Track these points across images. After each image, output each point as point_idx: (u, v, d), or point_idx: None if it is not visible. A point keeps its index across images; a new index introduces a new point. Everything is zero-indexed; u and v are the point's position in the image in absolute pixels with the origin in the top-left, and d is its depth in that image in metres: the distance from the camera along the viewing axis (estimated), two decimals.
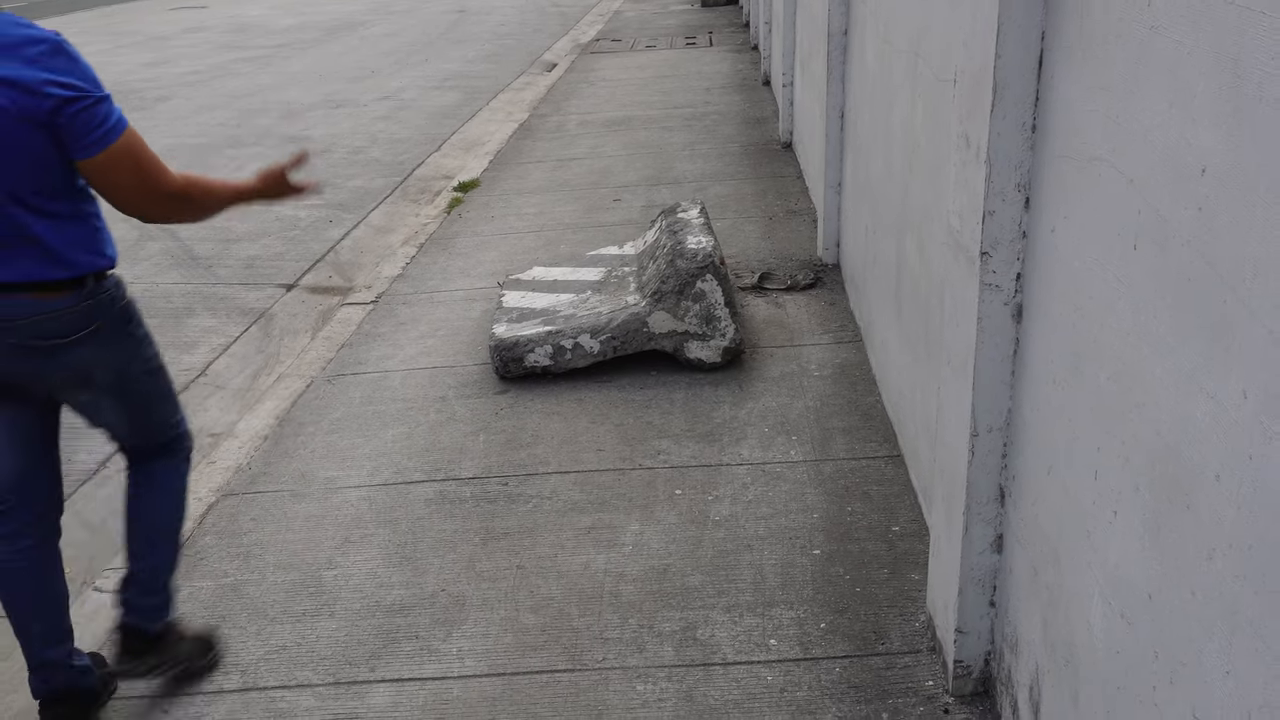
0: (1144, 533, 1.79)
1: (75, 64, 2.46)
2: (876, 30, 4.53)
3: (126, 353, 2.76)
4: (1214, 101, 1.53)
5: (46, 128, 2.41)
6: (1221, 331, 1.51)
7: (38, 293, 2.53)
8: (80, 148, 2.46)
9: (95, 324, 2.63)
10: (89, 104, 2.44)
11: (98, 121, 2.46)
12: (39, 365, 2.61)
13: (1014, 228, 2.40)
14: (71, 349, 2.61)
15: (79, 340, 2.61)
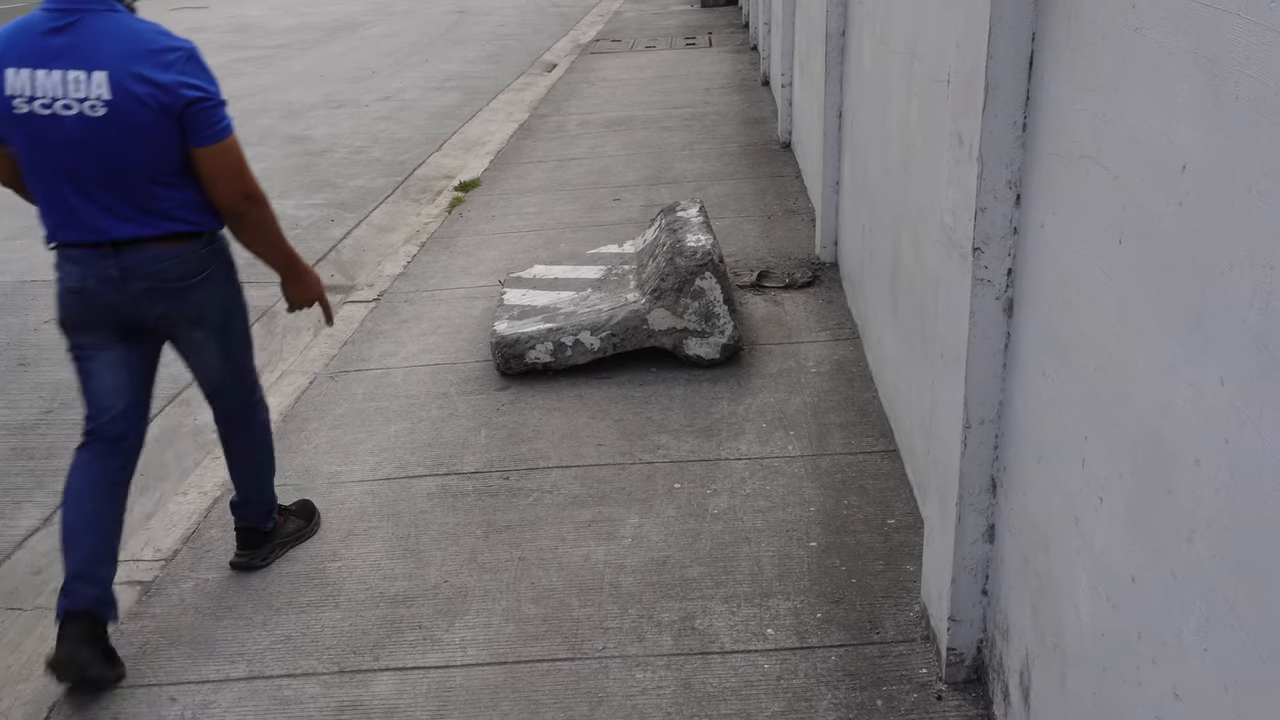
0: (1128, 518, 1.84)
1: (203, 71, 3.01)
2: (873, 31, 4.59)
3: (232, 296, 3.34)
4: (1193, 100, 1.59)
5: (177, 120, 2.96)
6: (1200, 322, 1.57)
7: (166, 243, 3.09)
8: (199, 138, 3.00)
9: (209, 269, 3.20)
10: (210, 105, 3.00)
11: (214, 120, 3.01)
12: (167, 305, 3.15)
13: (1005, 224, 2.46)
14: (192, 290, 3.17)
15: (198, 283, 3.18)
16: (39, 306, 6.39)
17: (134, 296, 3.10)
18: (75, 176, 2.98)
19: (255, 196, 3.17)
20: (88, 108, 2.89)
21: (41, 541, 4.13)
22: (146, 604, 3.49)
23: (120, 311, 3.13)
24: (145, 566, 3.69)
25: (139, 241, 3.06)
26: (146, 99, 2.90)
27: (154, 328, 3.22)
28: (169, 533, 3.88)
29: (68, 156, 2.95)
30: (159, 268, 3.09)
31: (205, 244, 3.17)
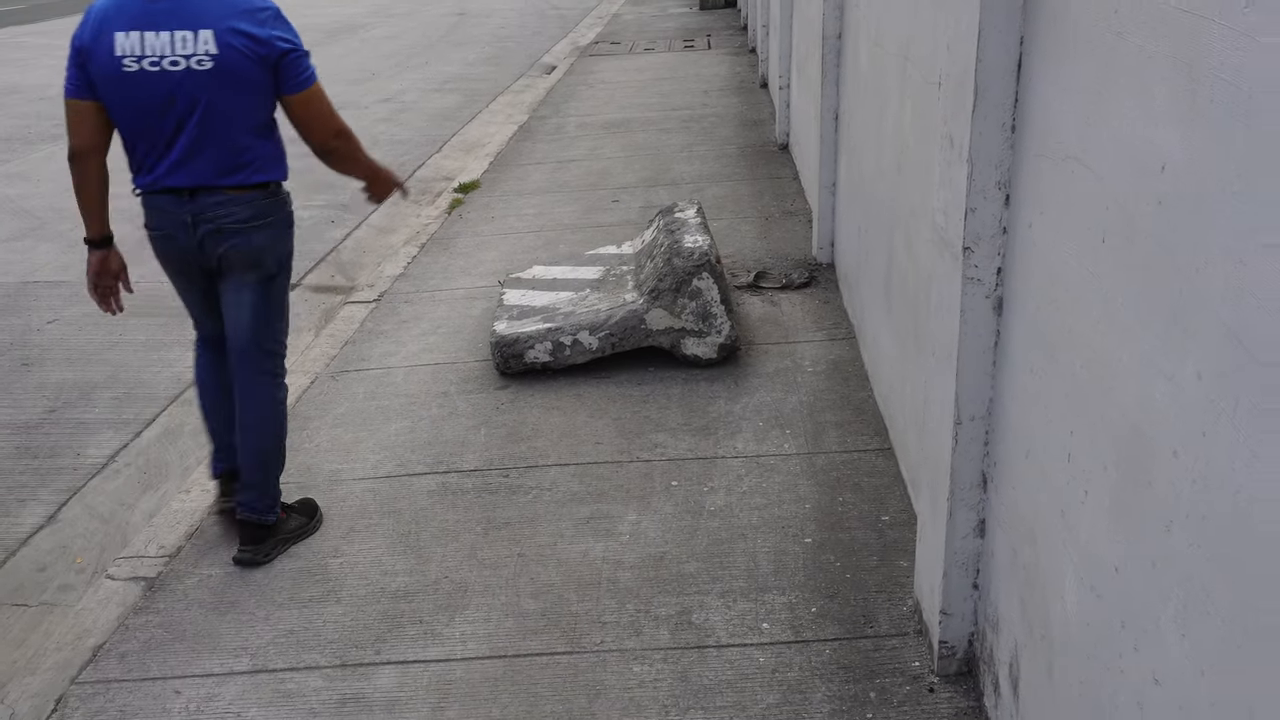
0: (1111, 510, 1.89)
1: (289, 27, 3.41)
2: (869, 34, 4.64)
3: (285, 252, 3.63)
4: (1172, 103, 1.64)
5: (273, 70, 3.33)
6: (1178, 318, 1.62)
7: (237, 190, 3.43)
8: (291, 85, 3.39)
9: (272, 217, 3.52)
10: (299, 55, 3.39)
11: (303, 69, 3.40)
12: (229, 245, 3.46)
13: (995, 224, 2.51)
14: (254, 233, 3.48)
15: (260, 226, 3.49)
16: (41, 307, 6.44)
17: (200, 239, 3.45)
18: (171, 129, 3.32)
19: (343, 133, 3.57)
20: (195, 62, 3.24)
21: (45, 539, 4.18)
22: (151, 599, 3.54)
23: (191, 254, 3.51)
24: (149, 563, 3.74)
25: (213, 189, 3.41)
26: (246, 51, 3.27)
27: (216, 268, 3.54)
28: (173, 529, 3.93)
29: (170, 110, 3.29)
30: (227, 211, 3.43)
31: (271, 193, 3.52)
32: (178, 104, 3.28)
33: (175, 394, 5.27)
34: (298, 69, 3.38)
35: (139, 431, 4.94)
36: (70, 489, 4.50)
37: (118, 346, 5.85)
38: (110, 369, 5.59)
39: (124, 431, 4.94)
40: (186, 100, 3.28)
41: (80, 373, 5.56)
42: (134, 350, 5.80)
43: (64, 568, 4.02)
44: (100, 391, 5.34)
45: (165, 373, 5.52)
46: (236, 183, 3.42)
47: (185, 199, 3.40)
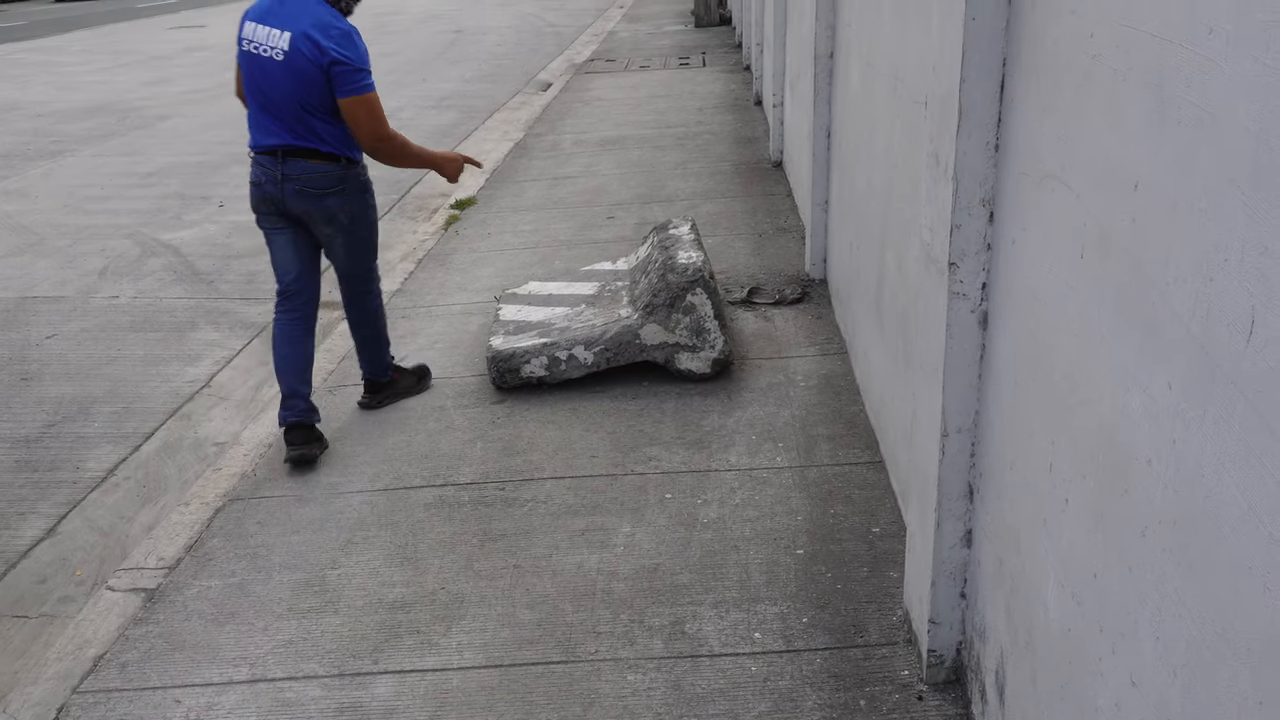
0: (1090, 517, 1.95)
1: (353, 46, 4.18)
2: (860, 54, 4.72)
3: (357, 211, 4.49)
4: (1143, 123, 1.70)
5: (325, 73, 4.15)
6: (1151, 330, 1.68)
7: (314, 159, 4.31)
8: (341, 91, 4.20)
9: (342, 186, 4.39)
10: (350, 69, 4.16)
11: (352, 80, 4.18)
12: (309, 204, 4.36)
13: (979, 240, 2.57)
14: (327, 197, 4.37)
15: (332, 193, 4.37)
16: (40, 322, 6.49)
17: (288, 194, 4.33)
18: (266, 101, 4.24)
19: (385, 139, 4.35)
20: (276, 54, 4.15)
21: (45, 551, 4.22)
22: (151, 610, 3.59)
23: (280, 204, 4.36)
24: (149, 574, 3.79)
25: (297, 154, 4.29)
26: (306, 53, 4.12)
27: (302, 219, 4.42)
28: (172, 542, 3.97)
29: (264, 86, 4.22)
30: (307, 177, 4.31)
31: (343, 167, 4.37)
32: (267, 83, 4.21)
33: (174, 408, 5.32)
34: (346, 79, 4.18)
35: (138, 445, 4.99)
36: (70, 502, 4.55)
37: (116, 361, 5.90)
38: (109, 383, 5.64)
39: (123, 445, 4.99)
40: (270, 82, 4.19)
41: (79, 387, 5.61)
42: (133, 365, 5.85)
43: (64, 580, 4.06)
44: (99, 406, 5.39)
45: (164, 387, 5.57)
46: (312, 152, 4.30)
47: (278, 159, 4.29)
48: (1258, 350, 1.36)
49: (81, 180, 10.16)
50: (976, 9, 2.40)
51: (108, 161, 10.96)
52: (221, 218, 8.69)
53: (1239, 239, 1.41)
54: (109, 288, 7.09)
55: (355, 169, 4.44)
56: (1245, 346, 1.39)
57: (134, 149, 11.55)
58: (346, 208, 4.43)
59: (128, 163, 10.87)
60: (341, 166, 4.36)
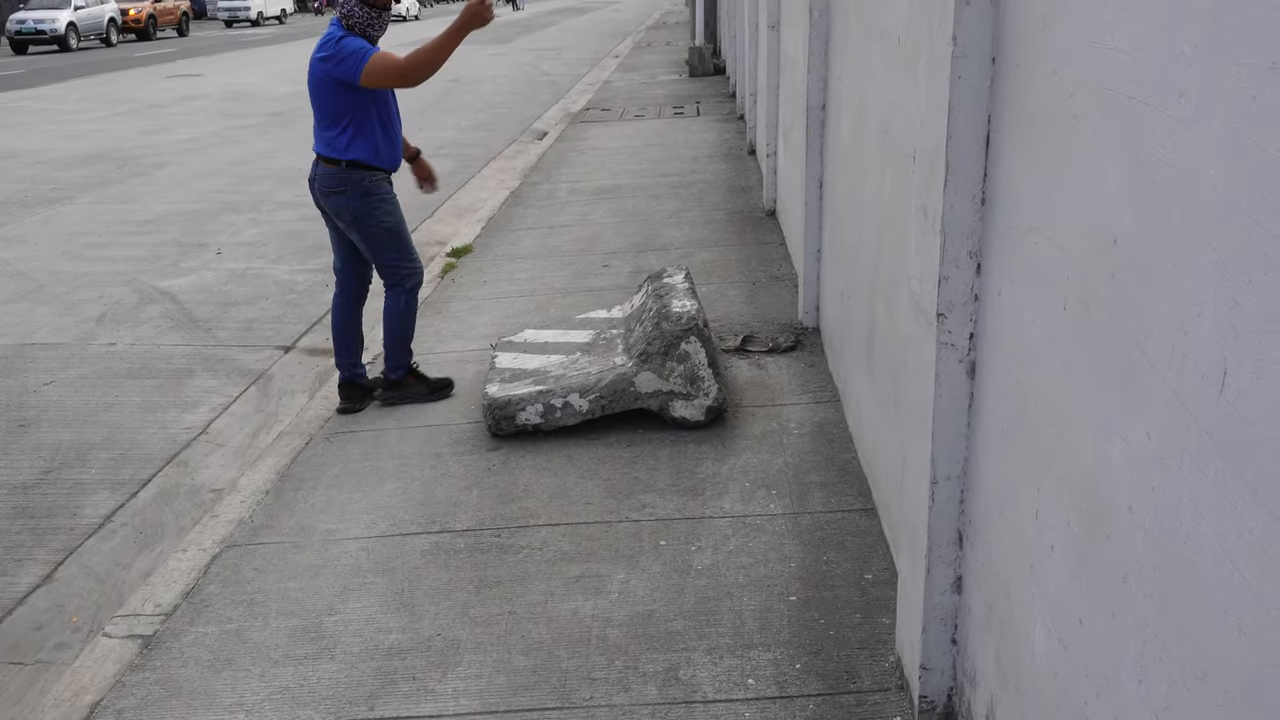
0: (1075, 563, 1.99)
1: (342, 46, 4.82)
2: (851, 107, 4.81)
3: (361, 210, 5.09)
4: (1122, 181, 1.76)
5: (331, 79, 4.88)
6: (1130, 381, 1.73)
7: (326, 163, 5.05)
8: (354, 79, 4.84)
9: (344, 187, 5.04)
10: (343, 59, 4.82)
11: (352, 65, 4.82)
12: (325, 202, 5.12)
13: (967, 291, 2.63)
14: (331, 195, 5.08)
15: (335, 193, 5.06)
16: (38, 369, 6.53)
17: (315, 192, 5.16)
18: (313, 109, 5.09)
19: (409, 73, 4.82)
20: (309, 70, 4.95)
21: (42, 598, 4.24)
22: (148, 657, 3.60)
23: (316, 201, 5.19)
24: (146, 621, 3.80)
25: (320, 159, 5.07)
26: (314, 69, 4.92)
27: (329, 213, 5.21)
28: (169, 588, 3.99)
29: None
30: (320, 178, 5.08)
31: (343, 169, 5.00)
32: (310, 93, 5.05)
33: (171, 455, 5.35)
34: (347, 67, 4.81)
35: (135, 492, 5.01)
36: (67, 549, 4.57)
37: (114, 408, 5.94)
38: (106, 430, 5.67)
39: (120, 492, 5.02)
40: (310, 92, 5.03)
41: (77, 434, 5.64)
42: (130, 411, 5.88)
43: (60, 626, 4.07)
44: (97, 452, 5.42)
45: (161, 434, 5.60)
46: (325, 155, 5.03)
47: (315, 163, 5.13)
48: (1230, 401, 1.41)
49: (80, 227, 10.23)
50: (962, 68, 2.48)
51: (106, 209, 11.05)
52: (219, 265, 8.75)
53: (1211, 294, 1.46)
54: (107, 335, 7.14)
55: (355, 172, 5.01)
56: (1218, 398, 1.44)
57: (132, 196, 11.64)
58: (350, 206, 5.06)
59: (125, 210, 10.95)
60: (341, 169, 5.00)
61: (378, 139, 5.04)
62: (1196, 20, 1.50)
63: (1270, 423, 1.33)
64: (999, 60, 2.44)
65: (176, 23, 44.78)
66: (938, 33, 2.61)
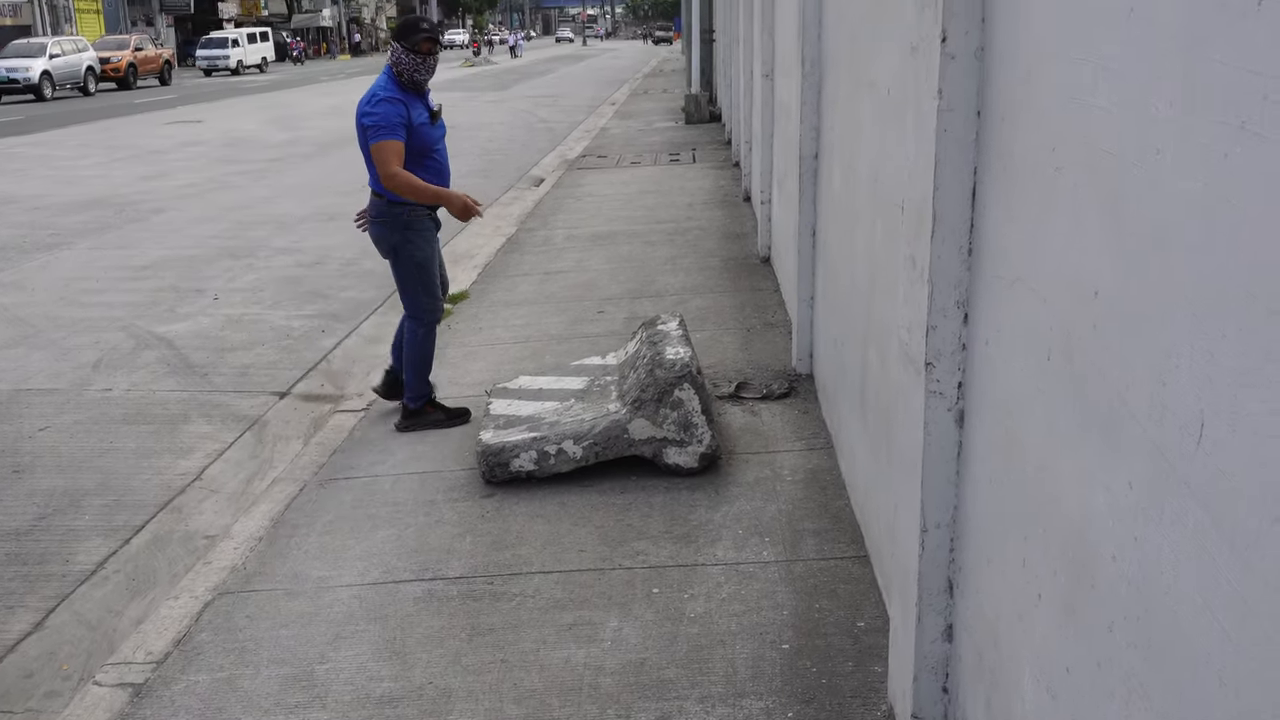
0: (1062, 612, 2.00)
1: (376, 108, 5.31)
2: (842, 157, 4.86)
3: (399, 243, 5.58)
4: (1102, 234, 1.80)
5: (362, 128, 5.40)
6: (1112, 431, 1.75)
7: (373, 196, 5.55)
8: (368, 140, 5.36)
9: (384, 218, 5.53)
10: (369, 126, 5.33)
11: (371, 133, 5.32)
12: (370, 230, 5.66)
13: (954, 340, 2.66)
14: (374, 225, 5.61)
15: (378, 223, 5.58)
16: (33, 414, 6.54)
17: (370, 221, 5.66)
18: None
19: (392, 177, 5.30)
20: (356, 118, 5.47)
21: (33, 646, 4.22)
22: (137, 706, 3.59)
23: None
24: (137, 669, 3.79)
25: (371, 190, 5.57)
26: (358, 115, 5.41)
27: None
28: (160, 636, 3.98)
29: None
30: (370, 207, 5.60)
31: (385, 203, 5.48)
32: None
33: (165, 501, 5.35)
34: (369, 134, 5.33)
35: (128, 539, 5.01)
36: (58, 596, 4.56)
37: (109, 454, 5.94)
38: (101, 476, 5.67)
39: (113, 539, 5.01)
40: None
41: (71, 480, 5.64)
42: (124, 457, 5.89)
43: (51, 674, 4.06)
44: (90, 498, 5.42)
45: (155, 480, 5.60)
46: (375, 190, 5.50)
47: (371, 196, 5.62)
48: (1207, 452, 1.43)
49: (77, 273, 10.27)
50: (948, 121, 2.52)
51: (103, 254, 11.09)
52: (215, 310, 8.79)
53: (1188, 346, 1.49)
54: (102, 380, 7.15)
55: (396, 207, 5.47)
56: (1196, 448, 1.46)
57: (129, 242, 11.70)
58: (387, 237, 5.55)
59: (123, 255, 11.00)
60: (385, 203, 5.48)
61: (425, 179, 5.46)
62: (1170, 79, 1.54)
63: (1246, 475, 1.35)
64: (984, 114, 2.48)
65: (158, 71, 43.88)
66: (924, 86, 2.65)
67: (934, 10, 2.56)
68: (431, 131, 5.55)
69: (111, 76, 40.62)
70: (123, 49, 41.96)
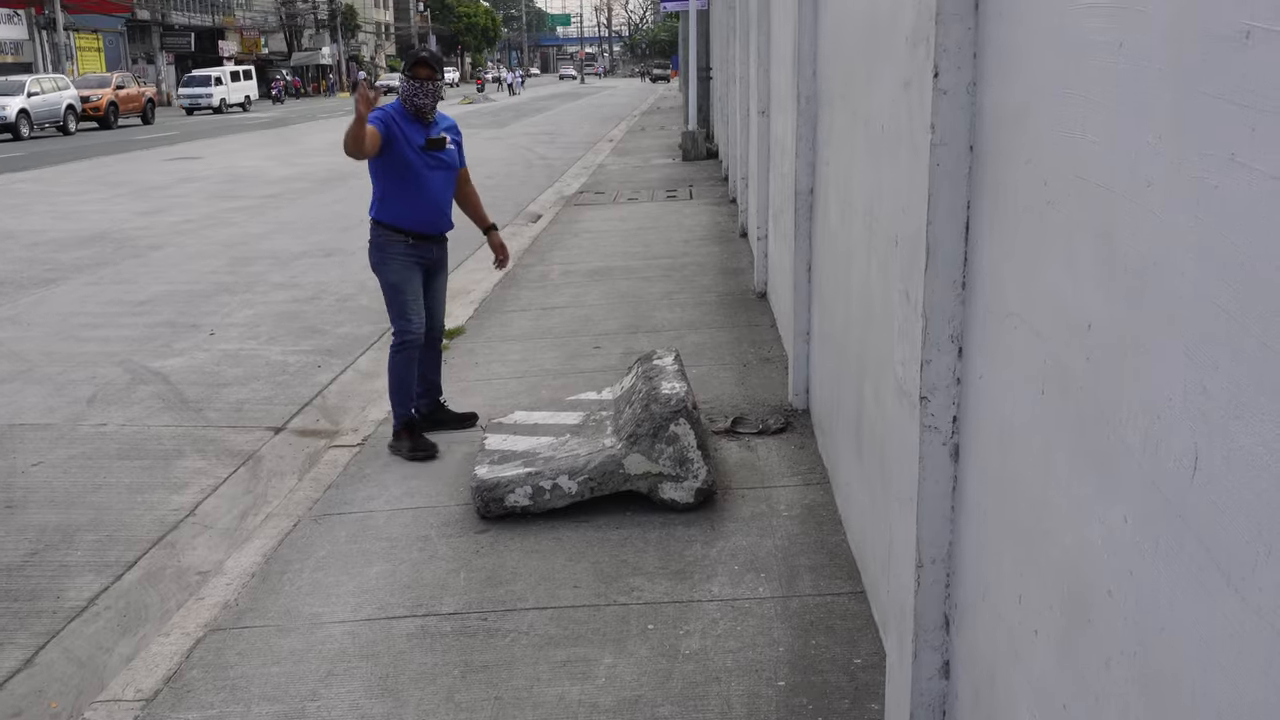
0: (1059, 648, 1.98)
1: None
2: (838, 192, 4.87)
3: (374, 262, 5.85)
4: (1095, 266, 1.79)
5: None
6: (1107, 465, 1.74)
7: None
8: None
9: (371, 238, 5.83)
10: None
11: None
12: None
13: (949, 375, 2.65)
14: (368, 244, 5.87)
15: (368, 242, 5.87)
16: (27, 450, 6.51)
17: None
18: None
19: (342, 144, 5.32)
20: None
21: (21, 683, 4.18)
22: None
23: None
24: (126, 707, 3.75)
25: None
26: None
27: None
28: (150, 673, 3.95)
29: None
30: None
31: (371, 224, 5.80)
32: None
33: (158, 536, 5.32)
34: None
35: (120, 574, 4.97)
36: (49, 632, 4.52)
37: (102, 489, 5.91)
38: (94, 512, 5.64)
39: (105, 574, 4.98)
40: None
41: (64, 515, 5.61)
42: (118, 493, 5.86)
43: (39, 713, 4.01)
44: (83, 534, 5.39)
45: (148, 515, 5.57)
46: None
47: None
48: (1201, 486, 1.42)
49: (74, 308, 10.27)
50: (940, 156, 2.52)
51: (100, 290, 11.10)
52: (211, 346, 8.78)
53: (1182, 380, 1.48)
54: (97, 415, 7.13)
55: (376, 229, 5.76)
56: (1190, 482, 1.45)
57: (127, 277, 11.70)
58: (371, 255, 5.83)
59: (120, 291, 11.00)
60: (371, 223, 5.78)
61: (404, 203, 5.67)
62: (1160, 112, 1.54)
63: (1240, 508, 1.34)
64: (976, 148, 2.49)
65: (141, 110, 42.80)
66: (917, 121, 2.66)
67: (927, 46, 2.57)
68: (413, 155, 5.66)
69: (92, 115, 39.79)
70: (104, 87, 41.15)
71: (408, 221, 5.72)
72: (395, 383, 5.84)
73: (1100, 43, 1.77)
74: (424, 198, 5.73)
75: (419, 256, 5.85)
